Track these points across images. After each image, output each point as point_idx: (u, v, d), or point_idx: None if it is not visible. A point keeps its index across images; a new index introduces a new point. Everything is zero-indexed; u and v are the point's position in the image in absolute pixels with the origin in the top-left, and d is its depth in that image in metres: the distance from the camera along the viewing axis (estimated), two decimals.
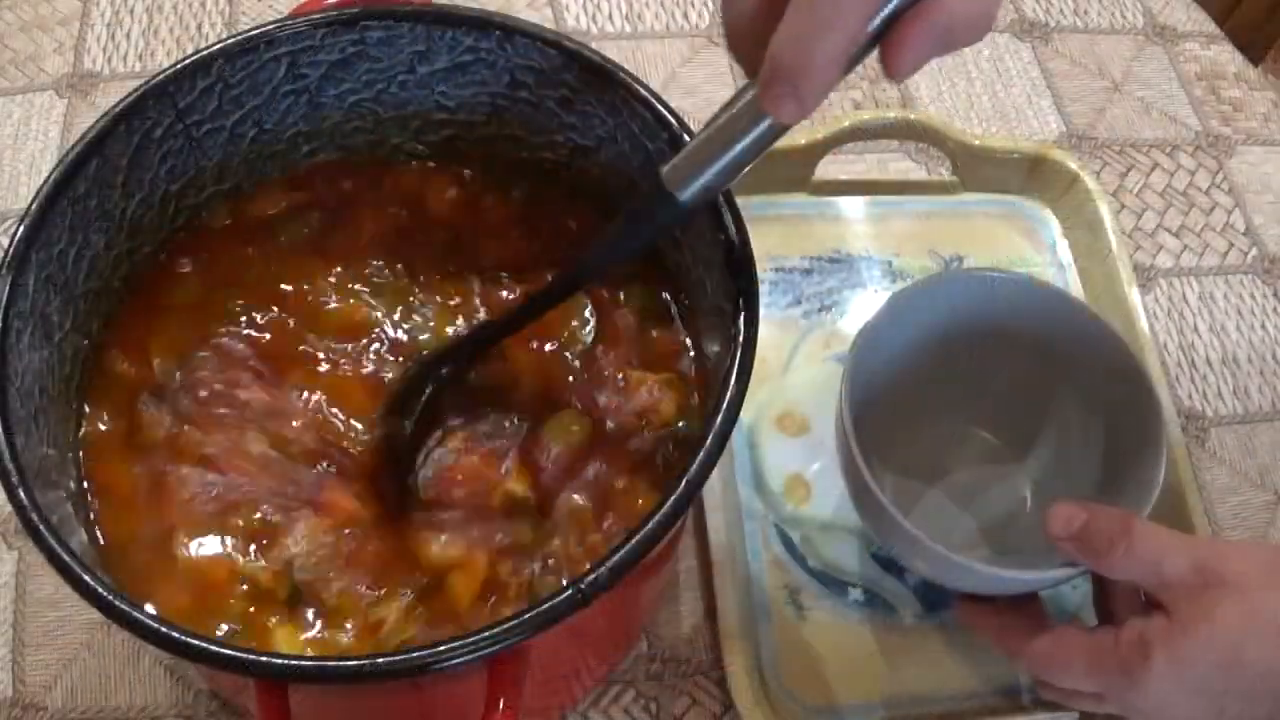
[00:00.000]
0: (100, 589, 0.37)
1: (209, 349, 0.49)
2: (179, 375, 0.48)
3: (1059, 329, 0.56)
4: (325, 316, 0.50)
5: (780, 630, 0.57)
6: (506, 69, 0.50)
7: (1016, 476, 0.59)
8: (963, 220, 0.71)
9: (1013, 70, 0.79)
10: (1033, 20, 0.81)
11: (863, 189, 0.71)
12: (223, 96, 0.48)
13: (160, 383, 0.48)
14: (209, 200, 0.51)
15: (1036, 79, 0.79)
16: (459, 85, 0.51)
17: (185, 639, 0.36)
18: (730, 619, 0.55)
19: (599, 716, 0.55)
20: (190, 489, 0.46)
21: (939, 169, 0.73)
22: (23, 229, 0.42)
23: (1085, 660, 0.48)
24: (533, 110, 0.51)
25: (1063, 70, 0.79)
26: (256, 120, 0.50)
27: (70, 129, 0.71)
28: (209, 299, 0.50)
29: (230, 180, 0.52)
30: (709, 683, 0.56)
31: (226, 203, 0.52)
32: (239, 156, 0.51)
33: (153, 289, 0.50)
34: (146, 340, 0.49)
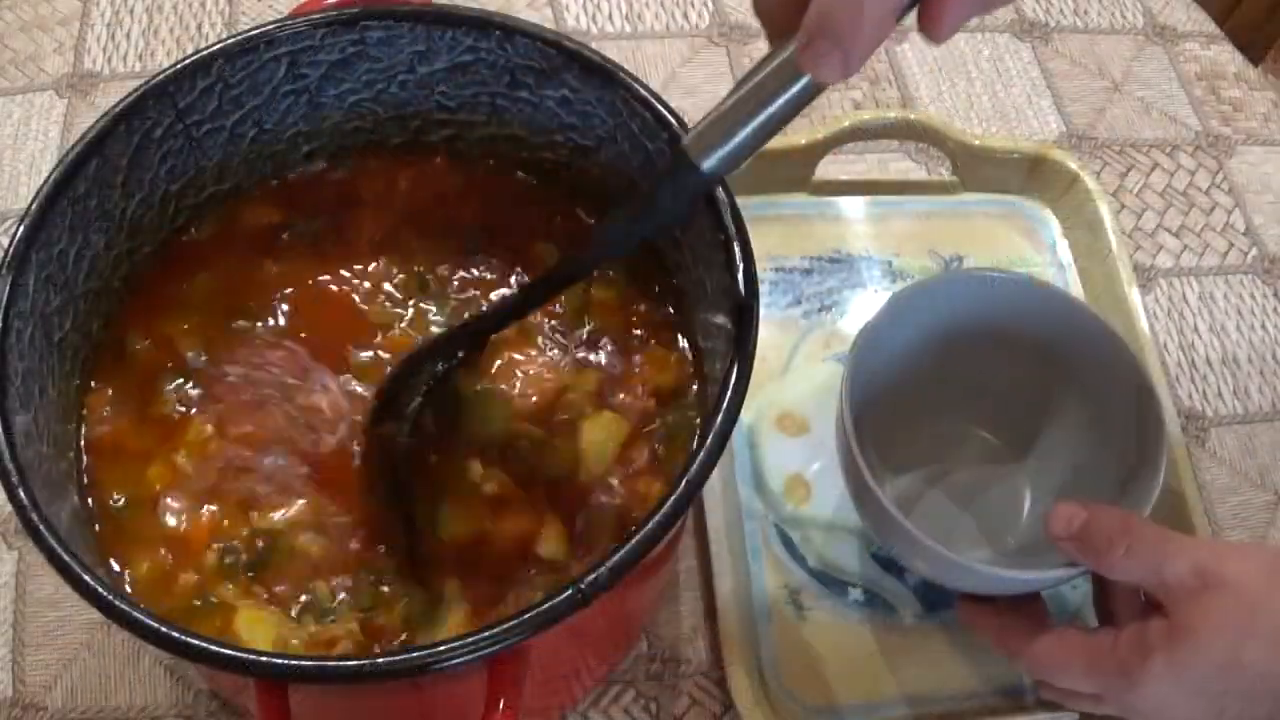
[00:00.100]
0: (100, 589, 0.37)
1: (222, 344, 0.49)
2: (204, 358, 0.48)
3: (1059, 329, 0.56)
4: (329, 315, 0.50)
5: (780, 630, 0.57)
6: (506, 69, 0.50)
7: (1016, 476, 0.59)
8: (963, 220, 0.71)
9: (1013, 70, 0.79)
10: (1033, 20, 0.81)
11: (863, 189, 0.71)
12: (223, 96, 0.48)
13: (176, 370, 0.48)
14: (209, 200, 0.51)
15: (1036, 79, 0.79)
16: (459, 85, 0.51)
17: (185, 639, 0.36)
18: (730, 619, 0.55)
19: (599, 716, 0.55)
20: (190, 489, 0.46)
21: (939, 169, 0.73)
22: (23, 229, 0.42)
23: (1085, 661, 0.48)
24: (533, 110, 0.51)
25: (1063, 70, 0.79)
26: (256, 120, 0.50)
27: (70, 129, 0.71)
28: (221, 293, 0.50)
29: (230, 180, 0.52)
30: (709, 683, 0.56)
31: (226, 203, 0.52)
32: (239, 156, 0.51)
33: (164, 279, 0.50)
34: (166, 327, 0.49)
